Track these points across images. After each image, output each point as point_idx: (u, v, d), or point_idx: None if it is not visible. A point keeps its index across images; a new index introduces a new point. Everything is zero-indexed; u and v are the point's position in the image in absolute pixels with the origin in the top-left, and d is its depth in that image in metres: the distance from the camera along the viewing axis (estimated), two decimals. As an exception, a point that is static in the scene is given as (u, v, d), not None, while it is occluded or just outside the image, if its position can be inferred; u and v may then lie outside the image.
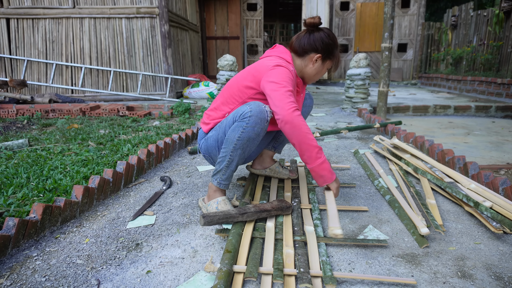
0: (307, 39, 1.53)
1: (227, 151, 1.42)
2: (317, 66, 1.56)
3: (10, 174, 1.97)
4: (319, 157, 1.35)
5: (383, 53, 3.93)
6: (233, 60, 4.53)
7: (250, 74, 1.49)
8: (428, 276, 1.08)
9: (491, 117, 4.66)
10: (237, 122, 1.38)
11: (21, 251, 1.23)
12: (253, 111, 1.35)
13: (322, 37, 1.52)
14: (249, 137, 1.38)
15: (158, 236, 1.34)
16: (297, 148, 1.35)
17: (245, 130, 1.36)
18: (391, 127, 2.94)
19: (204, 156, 1.63)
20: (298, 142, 1.32)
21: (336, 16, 9.21)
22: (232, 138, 1.39)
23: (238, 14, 8.82)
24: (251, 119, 1.35)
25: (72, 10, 5.30)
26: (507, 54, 6.06)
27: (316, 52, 1.53)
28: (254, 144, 1.43)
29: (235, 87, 1.53)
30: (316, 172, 1.37)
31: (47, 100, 4.89)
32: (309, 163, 1.36)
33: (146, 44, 5.46)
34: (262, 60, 1.53)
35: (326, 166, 1.36)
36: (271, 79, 1.39)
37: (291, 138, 1.33)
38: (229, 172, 1.46)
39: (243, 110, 1.37)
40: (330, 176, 1.37)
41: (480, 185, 1.65)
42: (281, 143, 1.83)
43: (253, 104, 1.36)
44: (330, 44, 1.53)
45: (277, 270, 1.07)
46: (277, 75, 1.40)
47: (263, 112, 1.35)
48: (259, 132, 1.39)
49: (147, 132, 3.35)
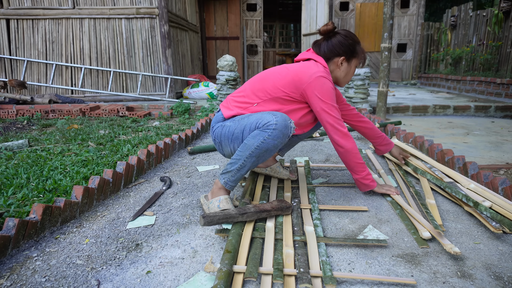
0: (326, 45, 1.56)
1: (242, 156, 1.40)
2: (344, 68, 1.59)
3: (10, 174, 1.97)
4: (364, 170, 1.60)
5: (383, 53, 3.93)
6: (232, 61, 4.53)
7: (290, 77, 1.48)
8: (427, 276, 1.08)
9: (491, 117, 4.67)
10: (260, 130, 1.37)
11: (21, 252, 1.23)
12: (279, 124, 1.34)
13: (340, 40, 1.55)
14: (267, 148, 1.38)
15: (158, 236, 1.35)
16: (346, 164, 1.61)
17: (265, 141, 1.36)
18: (390, 127, 2.95)
19: (214, 140, 1.58)
20: (348, 160, 1.58)
21: (336, 16, 9.21)
22: (250, 144, 1.38)
23: (238, 15, 8.82)
24: (275, 132, 1.35)
25: (72, 10, 5.30)
26: (506, 54, 6.07)
27: (339, 56, 1.56)
28: (269, 155, 1.44)
29: (270, 82, 1.50)
30: (361, 182, 1.63)
31: (47, 100, 4.89)
32: (355, 172, 1.61)
33: (146, 44, 5.46)
34: (302, 65, 1.52)
35: (368, 176, 1.61)
36: (318, 94, 1.47)
37: (342, 158, 1.58)
38: (238, 176, 1.46)
39: (269, 120, 1.35)
40: (372, 184, 1.62)
41: (479, 185, 1.65)
42: (287, 147, 1.85)
43: (280, 118, 1.36)
44: (350, 44, 1.56)
45: (277, 270, 1.07)
46: (323, 91, 1.46)
47: (287, 127, 1.37)
48: (278, 145, 1.40)
49: (147, 132, 3.35)
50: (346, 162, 1.59)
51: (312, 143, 2.80)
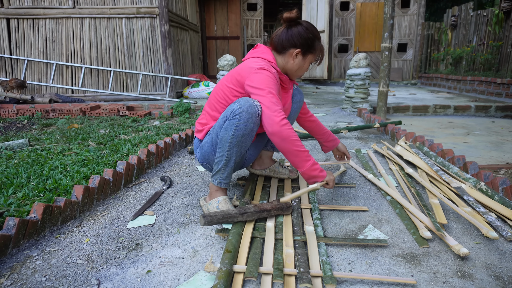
0: (285, 35, 1.50)
1: (223, 150, 1.41)
2: (298, 62, 1.53)
3: (10, 174, 1.97)
4: (308, 159, 1.41)
5: (383, 53, 3.93)
6: (233, 60, 4.53)
7: (234, 78, 1.48)
8: (428, 276, 1.08)
9: (491, 117, 4.66)
10: (229, 120, 1.38)
11: (21, 251, 1.23)
12: (243, 106, 1.34)
13: (300, 31, 1.49)
14: (243, 134, 1.37)
15: (158, 236, 1.35)
16: (286, 156, 1.41)
17: (238, 127, 1.35)
18: (391, 127, 2.95)
19: (202, 164, 1.62)
20: (286, 150, 1.38)
21: (336, 16, 9.21)
22: (226, 136, 1.38)
23: (238, 14, 8.82)
24: (242, 115, 1.34)
25: (72, 10, 5.30)
26: (507, 54, 6.06)
27: (295, 47, 1.50)
28: (249, 140, 1.42)
29: (220, 92, 1.52)
30: (308, 174, 1.43)
31: (47, 100, 4.89)
32: (299, 167, 1.42)
33: (146, 44, 5.46)
34: (244, 63, 1.52)
35: (316, 167, 1.43)
36: (253, 84, 1.40)
37: (280, 148, 1.38)
38: (228, 171, 1.46)
39: (233, 107, 1.37)
40: (321, 175, 1.44)
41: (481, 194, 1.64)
42: None
43: (242, 100, 1.36)
44: (309, 38, 1.49)
45: (277, 270, 1.07)
46: (259, 80, 1.39)
47: (253, 106, 1.35)
48: (252, 127, 1.38)
49: (147, 132, 3.35)
50: (286, 152, 1.38)
51: (312, 143, 2.80)
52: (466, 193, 1.61)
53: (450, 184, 1.73)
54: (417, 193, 1.66)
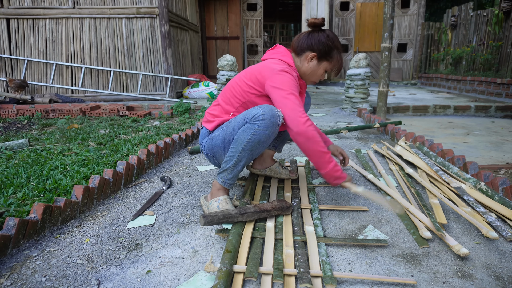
0: (306, 38, 1.54)
1: (236, 151, 1.41)
2: (312, 66, 1.55)
3: (10, 174, 1.97)
4: (331, 161, 1.44)
5: (383, 53, 3.93)
6: (233, 60, 4.53)
7: (254, 76, 1.50)
8: (428, 276, 1.08)
9: (491, 117, 4.67)
10: (249, 124, 1.38)
11: (21, 251, 1.23)
12: (266, 114, 1.35)
13: (320, 37, 1.52)
14: (259, 140, 1.38)
15: (158, 236, 1.35)
16: (310, 156, 1.44)
17: (256, 132, 1.36)
18: (391, 127, 2.95)
19: (207, 155, 1.62)
20: (311, 151, 1.41)
21: (336, 16, 9.21)
22: (242, 139, 1.39)
23: (238, 14, 8.82)
24: (264, 123, 1.35)
25: (72, 10, 5.30)
26: (507, 54, 6.07)
27: (312, 50, 1.52)
28: (263, 147, 1.44)
29: (238, 87, 1.53)
30: (331, 175, 1.45)
31: (47, 100, 4.89)
32: (322, 168, 1.44)
33: (146, 44, 5.46)
34: (265, 63, 1.53)
35: (338, 168, 1.45)
36: (276, 85, 1.42)
37: (304, 148, 1.41)
38: (235, 172, 1.46)
39: (256, 112, 1.37)
40: (343, 176, 1.46)
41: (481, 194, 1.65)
42: (281, 142, 1.83)
43: (266, 108, 1.36)
44: (327, 44, 1.52)
45: (277, 270, 1.07)
46: (282, 81, 1.42)
47: (275, 116, 1.36)
48: (270, 136, 1.39)
49: (147, 132, 3.35)
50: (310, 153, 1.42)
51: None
52: (466, 193, 1.61)
53: (450, 184, 1.73)
54: (417, 193, 1.66)
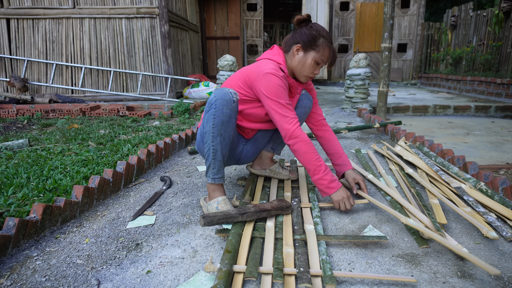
0: (292, 34, 1.56)
1: (209, 143, 1.44)
2: (298, 58, 1.52)
3: (10, 174, 1.97)
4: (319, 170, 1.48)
5: (383, 53, 3.93)
6: (233, 60, 4.53)
7: (243, 77, 1.54)
8: (428, 276, 1.08)
9: (491, 117, 4.67)
10: (207, 112, 1.43)
11: (21, 251, 1.23)
12: (217, 95, 1.40)
13: (305, 30, 1.51)
14: (222, 121, 1.39)
15: (158, 236, 1.35)
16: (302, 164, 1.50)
17: (216, 115, 1.39)
18: (391, 127, 2.95)
19: (199, 151, 1.67)
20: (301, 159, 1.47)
21: (336, 16, 9.21)
22: (208, 128, 1.42)
23: (238, 14, 8.82)
24: (217, 103, 1.38)
25: (72, 10, 5.30)
26: (507, 54, 6.07)
27: (296, 43, 1.52)
28: (230, 128, 1.43)
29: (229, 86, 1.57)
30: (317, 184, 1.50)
31: (47, 100, 4.89)
32: (311, 175, 1.49)
33: (146, 44, 5.46)
34: (255, 64, 1.56)
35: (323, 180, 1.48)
36: (263, 90, 1.45)
37: (294, 154, 1.48)
38: (217, 164, 1.45)
39: (209, 99, 1.43)
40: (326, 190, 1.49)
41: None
42: (279, 144, 1.82)
43: (217, 91, 1.42)
44: (311, 33, 1.49)
45: (277, 269, 1.07)
46: (267, 85, 1.44)
47: (227, 94, 1.39)
48: (230, 114, 1.40)
49: (147, 132, 3.35)
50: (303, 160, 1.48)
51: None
52: (466, 193, 1.61)
53: (450, 184, 1.73)
54: (417, 193, 1.66)
